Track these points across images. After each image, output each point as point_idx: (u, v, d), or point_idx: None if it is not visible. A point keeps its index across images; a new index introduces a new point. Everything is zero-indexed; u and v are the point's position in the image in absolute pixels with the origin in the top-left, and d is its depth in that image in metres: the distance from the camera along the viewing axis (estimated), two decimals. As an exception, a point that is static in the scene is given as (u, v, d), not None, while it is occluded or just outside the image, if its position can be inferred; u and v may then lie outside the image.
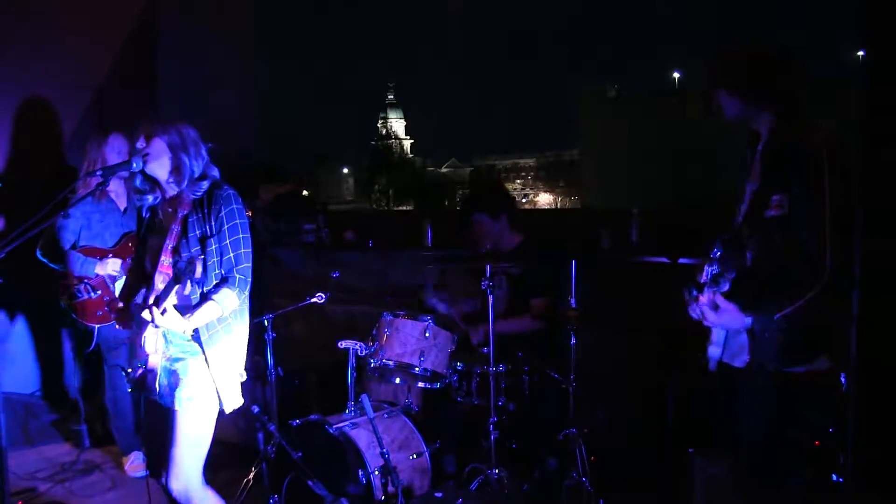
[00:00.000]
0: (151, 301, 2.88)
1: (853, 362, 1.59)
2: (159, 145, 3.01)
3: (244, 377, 3.19)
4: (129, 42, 5.97)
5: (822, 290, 2.59)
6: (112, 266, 4.57)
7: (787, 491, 2.93)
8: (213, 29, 6.36)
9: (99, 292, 4.59)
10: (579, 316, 4.03)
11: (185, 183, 3.03)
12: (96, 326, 4.64)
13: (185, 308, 2.94)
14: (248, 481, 4.06)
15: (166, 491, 3.16)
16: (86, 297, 4.61)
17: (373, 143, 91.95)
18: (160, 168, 3.04)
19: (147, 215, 3.21)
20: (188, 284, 2.87)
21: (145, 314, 2.84)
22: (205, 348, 3.01)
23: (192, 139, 3.06)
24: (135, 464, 4.77)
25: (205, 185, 3.06)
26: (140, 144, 3.02)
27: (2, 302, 5.44)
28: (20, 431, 5.19)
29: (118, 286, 4.54)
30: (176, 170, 3.03)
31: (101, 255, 4.59)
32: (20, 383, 5.63)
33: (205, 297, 2.97)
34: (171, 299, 2.84)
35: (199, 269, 2.83)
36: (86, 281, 4.59)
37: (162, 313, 2.81)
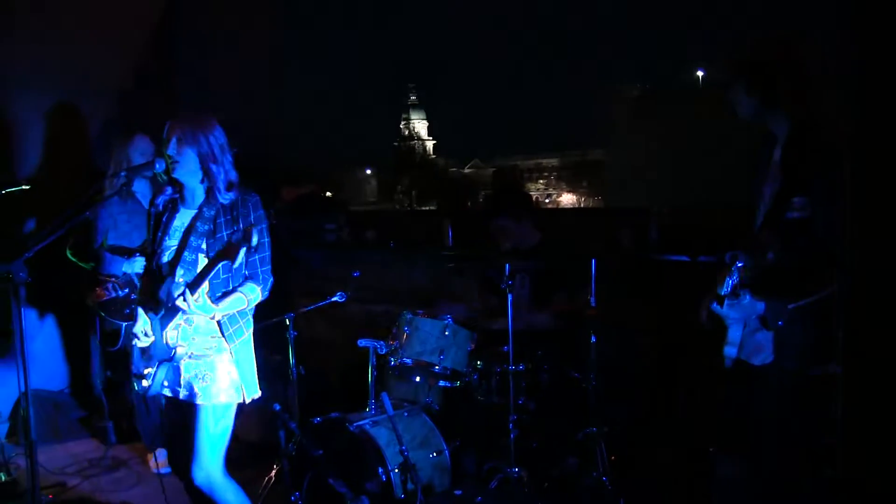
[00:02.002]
0: (179, 291, 2.93)
1: (844, 358, 1.61)
2: (189, 155, 3.06)
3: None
4: (152, 44, 6.04)
5: (842, 290, 2.60)
6: (139, 265, 4.62)
7: (807, 489, 2.93)
8: (234, 30, 6.41)
9: (126, 290, 4.65)
10: (599, 314, 4.04)
11: (215, 189, 3.10)
12: (123, 324, 4.71)
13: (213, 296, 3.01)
14: (270, 479, 4.11)
15: (188, 488, 3.21)
16: (113, 295, 4.67)
17: (395, 144, 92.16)
18: (189, 176, 3.11)
19: (158, 210, 3.25)
20: (241, 255, 2.90)
21: (179, 301, 2.90)
22: (229, 341, 3.09)
23: (219, 145, 3.11)
24: (160, 461, 4.83)
25: (232, 193, 3.12)
26: (171, 151, 3.06)
27: (31, 300, 5.52)
28: (50, 427, 5.27)
29: None
30: (206, 178, 3.10)
31: (129, 254, 4.65)
32: (49, 380, 5.71)
33: (232, 290, 3.07)
34: (205, 287, 2.92)
35: (255, 238, 2.87)
36: (113, 279, 4.66)
37: (196, 300, 2.90)
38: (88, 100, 5.71)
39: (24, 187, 4.36)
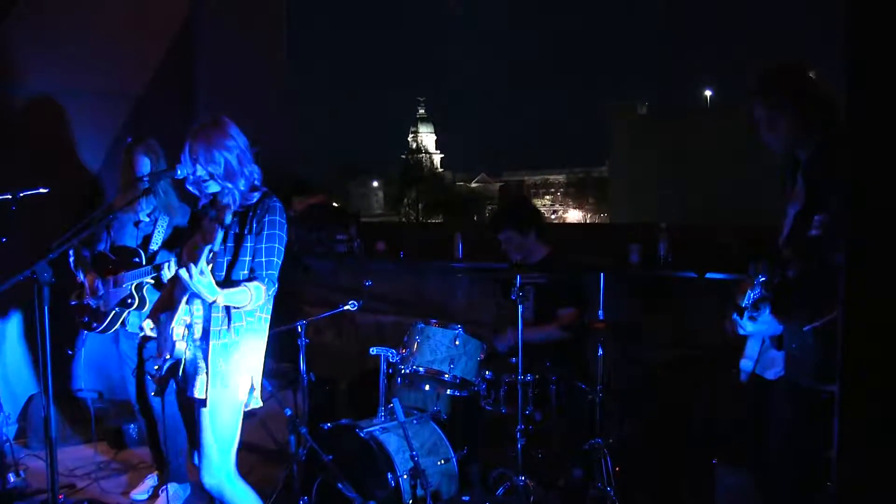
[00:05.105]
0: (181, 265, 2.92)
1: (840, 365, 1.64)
2: (207, 172, 3.11)
3: (267, 386, 3.23)
4: (167, 53, 6.12)
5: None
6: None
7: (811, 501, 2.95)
8: (246, 41, 6.49)
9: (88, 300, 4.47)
10: (606, 328, 4.08)
11: (236, 192, 3.13)
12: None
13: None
14: (279, 484, 4.14)
15: (201, 489, 3.23)
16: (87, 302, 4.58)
17: (403, 156, 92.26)
18: (214, 186, 3.15)
19: (196, 213, 3.33)
20: (218, 236, 2.99)
21: (182, 272, 2.84)
22: (212, 338, 3.04)
23: (236, 157, 3.12)
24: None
25: (255, 195, 3.16)
26: (192, 171, 3.11)
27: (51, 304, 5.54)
28: (61, 429, 5.32)
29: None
30: (226, 178, 3.13)
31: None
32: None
33: (236, 283, 3.04)
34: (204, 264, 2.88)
35: (228, 217, 2.99)
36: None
37: (200, 273, 2.83)
38: (108, 104, 5.79)
39: (41, 190, 4.41)
